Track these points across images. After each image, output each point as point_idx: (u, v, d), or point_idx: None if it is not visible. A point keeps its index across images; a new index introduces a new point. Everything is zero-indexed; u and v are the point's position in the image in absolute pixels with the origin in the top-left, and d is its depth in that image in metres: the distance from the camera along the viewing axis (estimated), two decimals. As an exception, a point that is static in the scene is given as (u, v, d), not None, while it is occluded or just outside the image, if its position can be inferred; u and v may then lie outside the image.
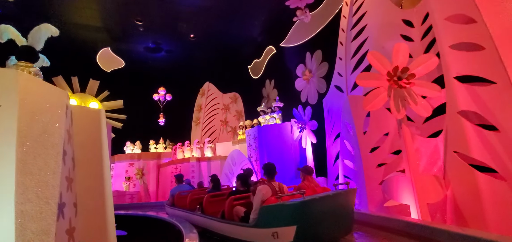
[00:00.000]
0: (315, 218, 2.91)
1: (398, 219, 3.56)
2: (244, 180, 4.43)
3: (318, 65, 8.50)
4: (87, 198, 2.58)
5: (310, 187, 3.77)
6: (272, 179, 3.58)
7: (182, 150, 11.17)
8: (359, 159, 5.01)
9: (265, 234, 2.99)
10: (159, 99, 13.34)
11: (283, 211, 2.90)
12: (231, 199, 3.94)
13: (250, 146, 8.69)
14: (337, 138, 6.47)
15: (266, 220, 3.02)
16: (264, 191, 3.27)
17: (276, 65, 11.66)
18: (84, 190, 2.57)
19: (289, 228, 2.79)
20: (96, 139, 2.80)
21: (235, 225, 3.54)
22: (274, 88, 11.61)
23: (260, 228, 3.06)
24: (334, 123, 6.60)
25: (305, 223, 2.81)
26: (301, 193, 2.92)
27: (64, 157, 2.21)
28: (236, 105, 13.74)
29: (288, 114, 8.78)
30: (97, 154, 2.77)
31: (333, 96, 6.75)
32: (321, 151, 6.96)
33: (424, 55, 4.10)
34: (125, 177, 11.44)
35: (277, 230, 2.88)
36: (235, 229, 3.51)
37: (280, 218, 2.91)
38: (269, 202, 3.13)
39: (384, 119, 4.82)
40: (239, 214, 3.64)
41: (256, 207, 3.23)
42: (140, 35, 12.29)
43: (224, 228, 3.79)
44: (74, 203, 2.41)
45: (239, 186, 4.41)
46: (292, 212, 2.83)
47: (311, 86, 8.76)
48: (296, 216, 2.81)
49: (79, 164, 2.59)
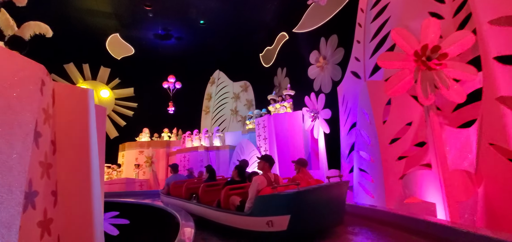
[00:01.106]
0: (308, 208, 3.01)
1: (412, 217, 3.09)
2: (240, 170, 4.51)
3: (333, 51, 7.96)
4: (70, 187, 2.31)
5: (304, 179, 3.85)
6: (269, 170, 3.65)
7: (191, 139, 10.99)
8: (377, 151, 4.55)
9: (260, 223, 3.08)
10: (168, 87, 13.19)
11: (277, 200, 2.99)
12: (227, 188, 3.99)
13: (259, 136, 8.34)
14: (352, 128, 6.00)
15: (261, 209, 3.11)
16: (259, 181, 3.36)
17: (288, 53, 11.16)
18: (67, 178, 2.31)
19: (283, 217, 2.89)
20: (82, 122, 2.52)
21: (231, 214, 3.60)
22: (286, 76, 11.15)
23: (255, 216, 3.15)
24: (349, 112, 6.11)
25: (298, 212, 2.91)
26: (296, 184, 3.02)
27: (38, 139, 1.93)
28: (246, 94, 13.38)
29: (299, 103, 8.33)
30: (84, 139, 2.49)
31: (349, 83, 6.25)
32: (334, 141, 6.51)
33: (458, 32, 3.55)
34: (135, 164, 11.42)
35: (272, 219, 2.98)
36: (231, 218, 3.58)
37: (275, 208, 2.99)
38: (264, 192, 3.21)
39: (407, 107, 4.31)
40: (235, 203, 3.70)
41: (251, 197, 3.32)
42: (149, 21, 12.07)
43: (220, 217, 3.84)
44: (53, 191, 2.14)
45: (235, 176, 4.48)
46: (286, 202, 2.92)
47: (325, 74, 8.25)
48: (290, 206, 2.90)
49: (62, 148, 2.32)
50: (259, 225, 3.09)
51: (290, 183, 3.45)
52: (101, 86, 13.97)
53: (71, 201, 2.29)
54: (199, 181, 5.73)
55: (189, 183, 5.73)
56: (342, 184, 3.50)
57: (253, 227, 3.19)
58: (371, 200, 4.72)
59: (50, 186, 2.09)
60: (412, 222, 3.07)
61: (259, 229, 3.11)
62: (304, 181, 3.71)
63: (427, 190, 3.75)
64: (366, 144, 4.94)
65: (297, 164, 4.29)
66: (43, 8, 10.31)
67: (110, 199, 5.85)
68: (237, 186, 4.12)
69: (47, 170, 2.04)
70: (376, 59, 5.49)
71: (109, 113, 14.19)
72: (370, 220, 3.74)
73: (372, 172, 4.74)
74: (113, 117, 14.29)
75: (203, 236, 3.70)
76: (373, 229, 3.45)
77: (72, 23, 11.38)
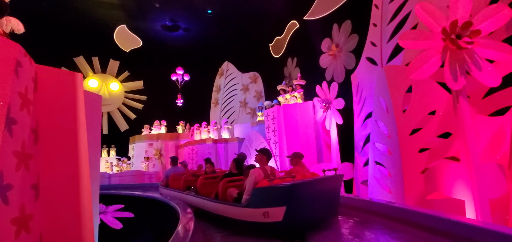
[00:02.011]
0: (303, 200, 3.09)
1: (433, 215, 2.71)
2: (238, 163, 4.61)
3: (346, 38, 7.50)
4: (56, 180, 2.11)
5: (300, 172, 3.94)
6: (266, 163, 3.75)
7: (199, 131, 10.83)
8: (395, 142, 4.17)
9: (256, 214, 3.17)
10: (177, 79, 13.03)
11: (274, 192, 3.07)
12: (225, 181, 4.10)
13: (268, 127, 8.05)
14: (368, 118, 5.60)
15: (257, 201, 3.19)
16: (256, 173, 3.45)
17: (299, 42, 10.71)
18: (52, 170, 2.10)
19: (279, 209, 2.97)
20: (70, 109, 2.30)
21: (228, 205, 3.69)
22: (296, 67, 10.73)
23: (252, 208, 3.23)
24: (364, 101, 5.71)
25: (294, 204, 2.98)
26: (292, 177, 3.15)
27: (12, 126, 1.71)
28: (256, 86, 13.06)
29: (310, 93, 7.94)
30: (71, 127, 2.27)
31: (364, 70, 5.82)
32: (348, 133, 6.14)
33: (492, 6, 3.10)
34: (144, 157, 11.41)
35: (268, 210, 3.06)
36: (228, 209, 3.67)
37: (271, 199, 3.07)
38: (261, 184, 3.28)
39: (430, 94, 3.89)
40: (233, 195, 3.78)
41: (248, 189, 3.39)
42: (156, 13, 11.88)
43: (218, 208, 3.94)
44: (34, 185, 1.93)
45: (232, 168, 4.58)
46: (282, 193, 3.00)
47: (337, 63, 7.81)
48: (286, 198, 2.98)
49: (46, 138, 2.11)
50: (255, 216, 3.19)
51: (286, 176, 3.55)
52: (111, 79, 14.00)
53: (57, 196, 2.08)
54: (199, 173, 5.84)
55: (187, 175, 5.82)
56: (336, 177, 3.61)
57: (249, 218, 3.28)
58: (388, 196, 4.36)
59: (30, 179, 1.88)
60: (435, 221, 2.72)
61: (255, 220, 3.21)
62: (300, 174, 3.77)
63: (455, 186, 3.36)
64: (383, 135, 4.55)
65: (293, 158, 4.37)
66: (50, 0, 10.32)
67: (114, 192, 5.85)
68: (235, 178, 4.23)
69: (25, 161, 1.83)
70: (394, 43, 5.06)
71: (119, 106, 14.25)
72: (385, 217, 3.39)
73: (390, 165, 4.36)
74: (123, 110, 14.34)
75: (203, 227, 3.75)
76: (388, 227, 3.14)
77: (80, 16, 11.35)
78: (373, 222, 3.40)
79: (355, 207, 4.11)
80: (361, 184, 5.67)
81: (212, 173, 5.39)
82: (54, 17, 11.24)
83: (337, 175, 3.66)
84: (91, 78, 13.43)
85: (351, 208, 4.16)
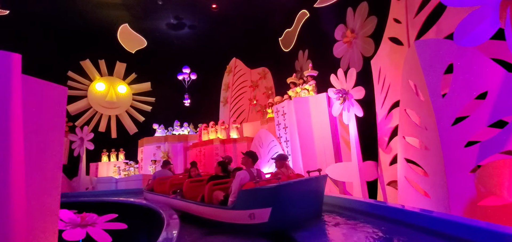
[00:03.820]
0: (289, 200, 3.16)
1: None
2: (224, 166, 4.60)
3: (363, 22, 6.67)
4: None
5: (285, 174, 4.04)
6: (252, 166, 3.75)
7: (207, 131, 10.28)
8: (433, 134, 3.37)
9: (243, 215, 3.20)
10: (183, 79, 12.57)
11: (259, 194, 3.10)
12: (211, 184, 4.07)
13: (279, 124, 7.34)
14: (393, 109, 4.80)
15: (243, 203, 3.20)
16: (242, 175, 3.47)
17: (310, 32, 9.93)
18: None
19: (265, 210, 3.03)
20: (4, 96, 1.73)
21: (214, 208, 3.68)
22: (308, 59, 9.96)
23: (238, 210, 3.25)
24: (388, 89, 4.91)
25: (279, 205, 3.05)
26: (277, 178, 3.26)
27: None
28: (265, 82, 12.38)
29: (324, 84, 7.15)
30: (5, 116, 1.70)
31: (386, 53, 5.02)
32: (370, 127, 5.33)
33: None
34: (151, 160, 11.01)
35: (254, 212, 3.09)
36: (214, 212, 3.67)
37: (257, 201, 3.11)
38: (247, 186, 3.29)
39: (479, 71, 3.07)
40: (219, 198, 3.76)
41: (235, 191, 3.40)
42: (160, 11, 11.47)
43: (204, 211, 3.91)
44: None
45: (219, 171, 4.56)
46: (268, 195, 3.05)
47: (353, 50, 7.00)
48: (271, 199, 3.04)
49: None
50: (242, 217, 3.21)
51: (272, 178, 3.63)
52: (118, 82, 13.76)
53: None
54: (184, 176, 5.78)
55: (173, 178, 5.72)
56: (320, 178, 3.67)
57: (236, 220, 3.30)
58: (426, 201, 3.56)
59: None
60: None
61: (242, 222, 3.23)
62: (285, 176, 3.84)
63: (522, 189, 2.55)
64: (416, 127, 3.76)
65: (278, 160, 4.38)
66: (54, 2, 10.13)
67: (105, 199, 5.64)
68: (221, 181, 4.22)
69: None
70: (424, 16, 4.23)
71: (128, 109, 14.00)
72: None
73: (426, 163, 3.57)
74: (132, 113, 14.08)
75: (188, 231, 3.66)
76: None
77: (84, 18, 11.12)
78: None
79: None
80: (387, 185, 4.87)
81: (197, 176, 5.36)
82: (59, 21, 11.07)
83: (321, 176, 3.72)
84: (98, 82, 13.23)
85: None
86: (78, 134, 10.57)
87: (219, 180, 4.26)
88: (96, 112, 13.21)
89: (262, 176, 3.72)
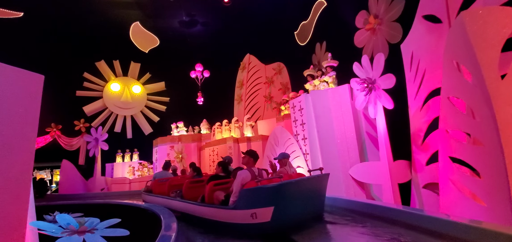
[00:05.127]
0: (291, 199, 3.14)
1: None
2: (224, 166, 4.58)
3: (388, 5, 5.97)
4: None
5: (287, 173, 4.02)
6: (253, 165, 3.72)
7: (221, 130, 9.89)
8: (489, 127, 2.71)
9: (244, 215, 3.13)
10: (196, 77, 12.28)
11: (261, 193, 3.05)
12: (212, 184, 4.02)
13: (295, 121, 6.77)
14: (431, 98, 4.11)
15: (245, 202, 3.15)
16: (244, 175, 3.42)
17: (328, 23, 9.27)
18: None
19: (267, 209, 2.99)
20: None
21: (215, 208, 3.62)
22: (326, 52, 9.29)
23: (239, 209, 3.19)
24: (423, 76, 4.22)
25: (281, 204, 3.03)
26: (279, 177, 3.40)
27: None
28: (280, 77, 11.80)
29: (345, 76, 6.49)
30: None
31: (420, 34, 4.33)
32: (401, 120, 4.65)
33: None
34: (165, 160, 10.81)
35: (256, 211, 3.04)
36: (215, 212, 3.61)
37: (259, 200, 3.06)
38: (249, 185, 3.25)
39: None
40: (220, 198, 3.72)
41: (236, 190, 3.35)
42: (172, 8, 11.26)
43: (204, 212, 3.85)
44: None
45: (219, 172, 4.54)
46: (270, 194, 3.01)
47: (378, 37, 6.30)
48: (274, 198, 3.01)
49: None
50: (243, 217, 3.15)
51: (274, 176, 3.58)
52: (133, 82, 13.75)
53: None
54: (183, 178, 5.72)
55: (172, 180, 5.66)
56: (322, 176, 3.66)
57: (237, 220, 3.24)
58: (478, 209, 2.89)
59: None
60: None
61: (243, 222, 3.17)
62: (287, 175, 3.83)
63: None
64: (463, 117, 3.09)
65: (280, 159, 4.37)
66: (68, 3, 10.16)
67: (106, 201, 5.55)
68: (222, 181, 4.16)
69: None
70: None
71: (142, 109, 13.96)
72: None
73: (478, 161, 2.90)
74: (146, 113, 14.03)
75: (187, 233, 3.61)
76: None
77: (97, 19, 11.12)
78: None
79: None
80: (423, 188, 4.18)
81: (193, 177, 5.31)
82: (73, 22, 11.15)
83: (323, 174, 3.72)
84: (113, 82, 13.27)
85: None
86: (93, 134, 10.57)
87: (220, 180, 4.20)
88: (112, 113, 13.27)
89: (263, 175, 3.67)
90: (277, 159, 4.40)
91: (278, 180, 3.20)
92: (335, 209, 4.10)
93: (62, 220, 3.96)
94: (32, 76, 2.05)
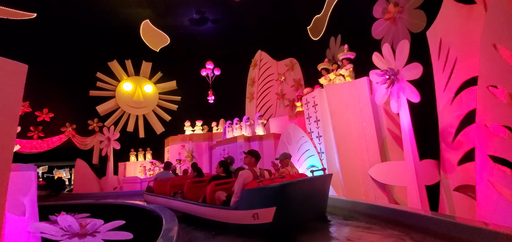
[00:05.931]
0: (293, 200, 3.10)
1: None
2: (225, 166, 4.53)
3: (410, -8, 5.50)
4: None
5: (289, 173, 3.96)
6: (255, 165, 3.67)
7: (231, 129, 9.66)
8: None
9: (246, 216, 3.09)
10: (207, 75, 12.11)
11: (263, 193, 3.02)
12: (213, 184, 3.98)
13: (309, 118, 6.41)
14: (463, 90, 3.66)
15: (247, 203, 3.12)
16: (245, 175, 3.37)
17: (343, 15, 8.80)
18: None
19: (269, 209, 2.94)
20: None
21: (217, 208, 3.59)
22: (341, 46, 8.83)
23: (241, 210, 3.16)
24: (453, 65, 3.77)
25: (284, 204, 2.97)
26: (282, 177, 3.29)
27: None
28: (293, 74, 11.41)
29: (363, 68, 6.05)
30: None
31: (450, 19, 3.87)
32: (428, 115, 4.20)
33: None
34: (176, 159, 10.71)
35: (258, 212, 3.01)
36: (217, 212, 3.58)
37: (261, 200, 3.02)
38: (250, 186, 3.21)
39: None
40: (221, 198, 3.69)
41: (238, 191, 3.31)
42: (182, 6, 11.14)
43: (205, 212, 3.82)
44: None
45: (220, 172, 4.49)
46: (272, 194, 2.96)
47: (398, 28, 5.83)
48: (276, 198, 2.96)
49: None
50: (245, 218, 3.11)
51: (276, 176, 3.55)
52: (144, 81, 13.79)
53: None
54: (184, 178, 5.73)
55: (173, 180, 5.67)
56: (325, 177, 3.65)
57: (239, 220, 3.19)
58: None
59: None
60: None
61: (245, 222, 3.12)
62: (289, 175, 3.81)
63: None
64: (506, 109, 2.66)
65: (282, 159, 4.33)
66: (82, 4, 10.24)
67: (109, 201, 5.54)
68: (223, 181, 4.13)
69: None
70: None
71: (154, 108, 13.97)
72: None
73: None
74: (158, 112, 14.03)
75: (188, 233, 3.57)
76: None
77: (108, 18, 11.17)
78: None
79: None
80: (454, 191, 3.74)
81: (194, 177, 5.32)
82: (85, 23, 11.26)
83: (326, 174, 3.72)
84: (126, 82, 13.34)
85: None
86: (105, 133, 10.61)
87: (221, 180, 4.15)
88: (124, 112, 13.35)
89: (265, 175, 3.62)
90: (279, 158, 4.33)
91: (280, 180, 3.13)
92: (354, 214, 3.77)
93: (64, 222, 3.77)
94: (18, 67, 1.85)
